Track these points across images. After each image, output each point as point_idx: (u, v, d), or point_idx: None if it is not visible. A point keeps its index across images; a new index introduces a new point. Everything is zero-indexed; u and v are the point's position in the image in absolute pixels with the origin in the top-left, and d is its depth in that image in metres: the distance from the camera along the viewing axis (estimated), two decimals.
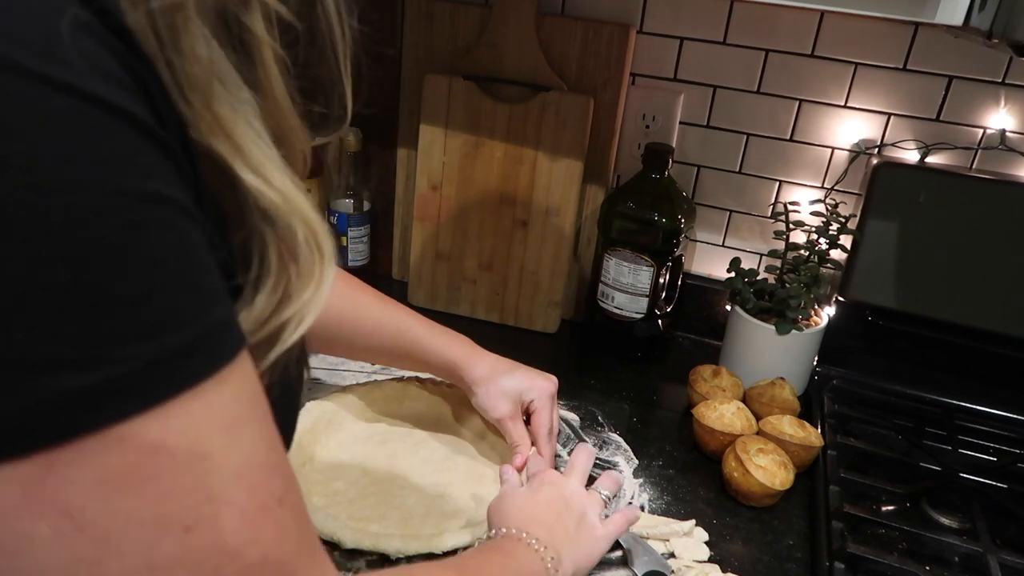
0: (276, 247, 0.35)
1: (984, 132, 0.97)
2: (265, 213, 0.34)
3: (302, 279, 0.36)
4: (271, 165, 0.34)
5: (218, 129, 0.32)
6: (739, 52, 1.02)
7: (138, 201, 0.27)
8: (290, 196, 0.34)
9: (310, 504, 0.72)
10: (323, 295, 0.36)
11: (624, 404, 0.99)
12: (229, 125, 0.32)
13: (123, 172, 0.27)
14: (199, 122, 0.31)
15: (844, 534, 0.76)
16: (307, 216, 0.35)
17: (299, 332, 0.36)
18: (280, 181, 0.34)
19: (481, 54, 1.07)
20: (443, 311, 1.17)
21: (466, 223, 1.13)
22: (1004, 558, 0.75)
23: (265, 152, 0.33)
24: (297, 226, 0.35)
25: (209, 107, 0.31)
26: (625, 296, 1.05)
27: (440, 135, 1.09)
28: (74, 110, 0.26)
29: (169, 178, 0.29)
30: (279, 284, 0.35)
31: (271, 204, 0.34)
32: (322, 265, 0.36)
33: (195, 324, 0.29)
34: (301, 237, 0.35)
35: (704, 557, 0.75)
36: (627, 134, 1.11)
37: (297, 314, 0.35)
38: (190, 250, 0.29)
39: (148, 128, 0.28)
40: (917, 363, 1.04)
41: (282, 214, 0.34)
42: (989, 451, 0.95)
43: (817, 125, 1.03)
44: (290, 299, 0.35)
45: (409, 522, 0.74)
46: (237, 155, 0.32)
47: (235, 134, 0.32)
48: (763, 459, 0.81)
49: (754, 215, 1.11)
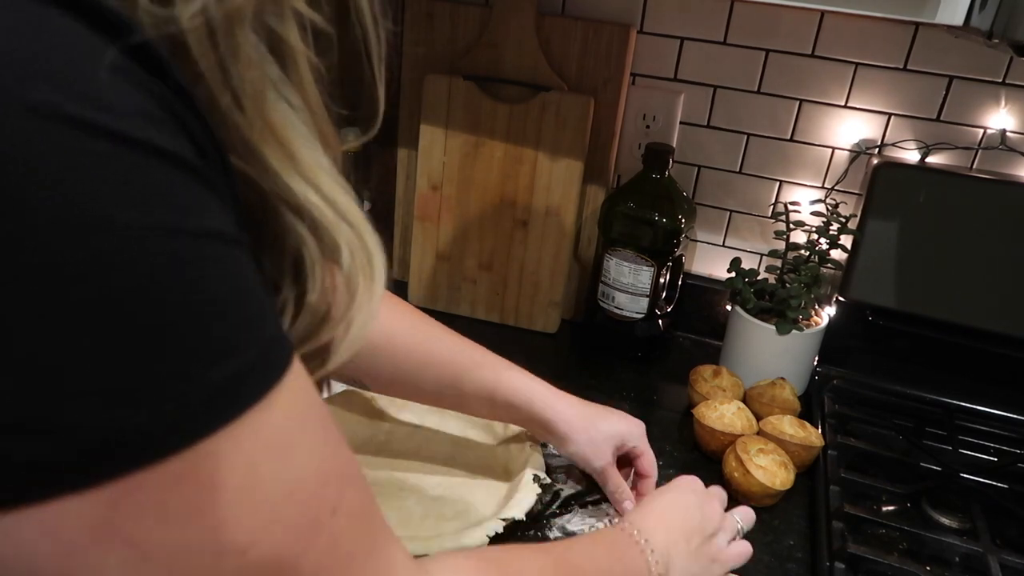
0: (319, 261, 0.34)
1: (984, 132, 0.97)
2: (312, 223, 0.33)
3: (349, 295, 0.34)
4: (322, 172, 0.33)
5: (270, 135, 0.31)
6: (739, 52, 1.02)
7: (189, 238, 0.27)
8: (340, 203, 0.34)
9: None
10: (372, 314, 0.35)
11: (624, 404, 0.99)
12: (281, 130, 0.32)
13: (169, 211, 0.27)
14: (251, 131, 0.31)
15: (844, 534, 0.76)
16: (358, 225, 0.34)
17: (347, 354, 0.35)
18: (330, 188, 0.33)
19: (481, 54, 1.07)
20: (443, 311, 1.17)
21: (466, 223, 1.13)
22: (1004, 558, 0.75)
23: (316, 158, 0.33)
24: (345, 237, 0.34)
25: (262, 113, 0.31)
26: (625, 296, 1.05)
27: (440, 135, 1.09)
28: (118, 155, 0.26)
29: (214, 210, 0.29)
30: (321, 302, 0.34)
31: (319, 212, 0.33)
32: (371, 280, 0.35)
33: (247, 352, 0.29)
34: (348, 249, 0.34)
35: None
36: (627, 134, 1.11)
37: (343, 334, 0.35)
38: (240, 279, 0.29)
39: (189, 164, 0.28)
40: (917, 363, 1.04)
41: (330, 223, 0.33)
42: (989, 451, 0.95)
43: (817, 125, 1.03)
44: (333, 318, 0.34)
45: (407, 524, 0.74)
46: (289, 161, 0.32)
47: (287, 139, 0.32)
48: (763, 459, 0.81)
49: (754, 215, 1.11)
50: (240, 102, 0.31)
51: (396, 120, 1.15)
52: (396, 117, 1.15)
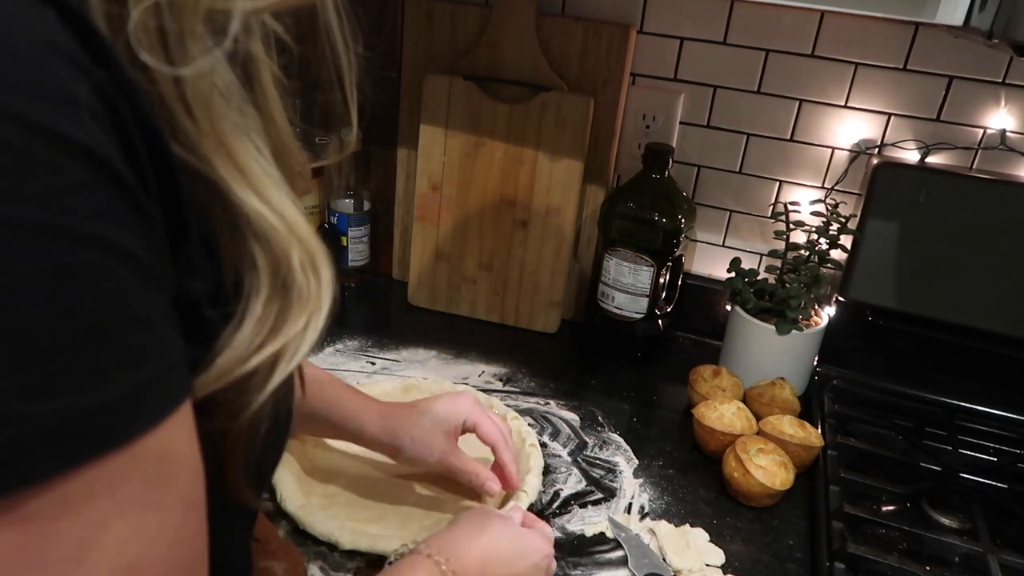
0: (269, 271, 0.33)
1: (984, 132, 0.97)
2: (260, 236, 0.32)
3: (296, 307, 0.33)
4: (271, 184, 0.32)
5: (220, 147, 0.30)
6: (739, 52, 1.02)
7: (73, 243, 0.25)
8: (288, 217, 0.33)
9: (310, 504, 0.72)
10: (319, 324, 0.34)
11: (624, 404, 0.99)
12: (231, 142, 0.31)
13: (60, 211, 0.24)
14: (203, 139, 0.30)
15: (844, 534, 0.76)
16: (305, 239, 0.33)
17: (294, 363, 0.34)
18: (279, 200, 0.32)
19: (481, 54, 1.07)
20: (443, 311, 1.17)
21: (466, 223, 1.13)
22: (1004, 558, 0.75)
23: (266, 170, 0.32)
24: (294, 249, 0.33)
25: (213, 124, 0.30)
26: (625, 296, 1.05)
27: (440, 135, 1.09)
28: (17, 142, 0.23)
29: (116, 220, 0.26)
30: (269, 311, 0.33)
31: (268, 225, 0.32)
32: (319, 292, 0.34)
33: (111, 387, 0.26)
34: (297, 261, 0.33)
35: (719, 562, 0.74)
36: (627, 134, 1.11)
37: (291, 344, 0.33)
38: (121, 301, 0.26)
39: (102, 163, 0.26)
40: (917, 363, 1.04)
41: (279, 237, 0.32)
42: (989, 451, 0.95)
43: (817, 125, 1.03)
44: (281, 328, 0.33)
45: (408, 523, 0.74)
46: (238, 174, 0.31)
47: (236, 151, 0.31)
48: (763, 459, 0.81)
49: (754, 215, 1.11)
50: (190, 110, 0.29)
51: (396, 120, 1.15)
52: (396, 117, 1.15)
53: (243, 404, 0.33)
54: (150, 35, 0.28)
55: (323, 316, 0.34)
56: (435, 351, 1.06)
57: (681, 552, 0.74)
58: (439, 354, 1.05)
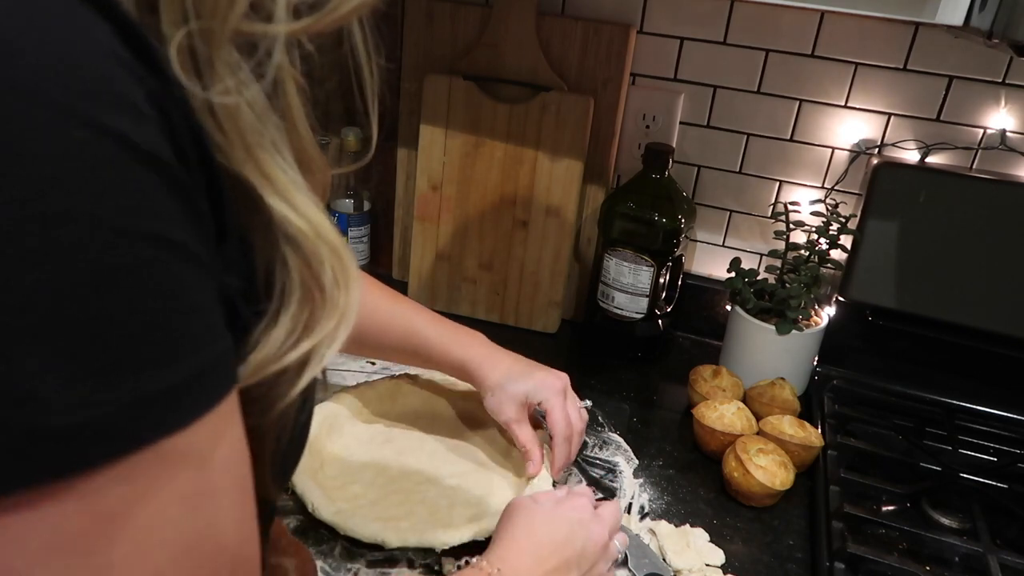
0: (300, 274, 0.34)
1: (984, 132, 0.97)
2: (291, 240, 0.33)
3: (326, 309, 0.35)
4: (297, 192, 0.33)
5: (248, 158, 0.31)
6: (739, 52, 1.02)
7: (138, 241, 0.26)
8: (316, 223, 0.34)
9: (337, 509, 0.72)
10: (347, 326, 0.35)
11: (624, 404, 0.99)
12: (258, 153, 0.32)
13: (129, 210, 0.26)
14: (232, 149, 0.31)
15: (844, 534, 0.76)
16: (334, 244, 0.34)
17: (324, 361, 0.35)
18: (306, 207, 0.33)
19: (481, 54, 1.07)
20: (443, 311, 1.16)
21: (466, 223, 1.13)
22: (1004, 558, 0.75)
23: (292, 178, 0.33)
24: (324, 254, 0.34)
25: (241, 138, 0.31)
26: (625, 296, 1.05)
27: (440, 135, 1.09)
28: (91, 144, 0.25)
29: (176, 219, 0.28)
30: (302, 312, 0.34)
31: (297, 231, 0.33)
32: (347, 295, 0.35)
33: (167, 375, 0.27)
34: (327, 265, 0.34)
35: (719, 562, 0.74)
36: (627, 134, 1.11)
37: (320, 345, 0.34)
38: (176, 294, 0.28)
39: (163, 165, 0.27)
40: (917, 363, 1.04)
41: (308, 241, 0.33)
42: (989, 451, 0.95)
43: (817, 125, 1.03)
44: (312, 329, 0.34)
45: (437, 515, 0.75)
46: (265, 182, 0.32)
47: (263, 161, 0.32)
48: (763, 459, 0.81)
49: (754, 215, 1.11)
50: (220, 125, 0.30)
51: (396, 120, 1.15)
52: (396, 117, 1.15)
53: (273, 399, 0.35)
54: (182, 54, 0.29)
55: (352, 316, 0.35)
56: None
57: (681, 552, 0.74)
58: None
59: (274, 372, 0.34)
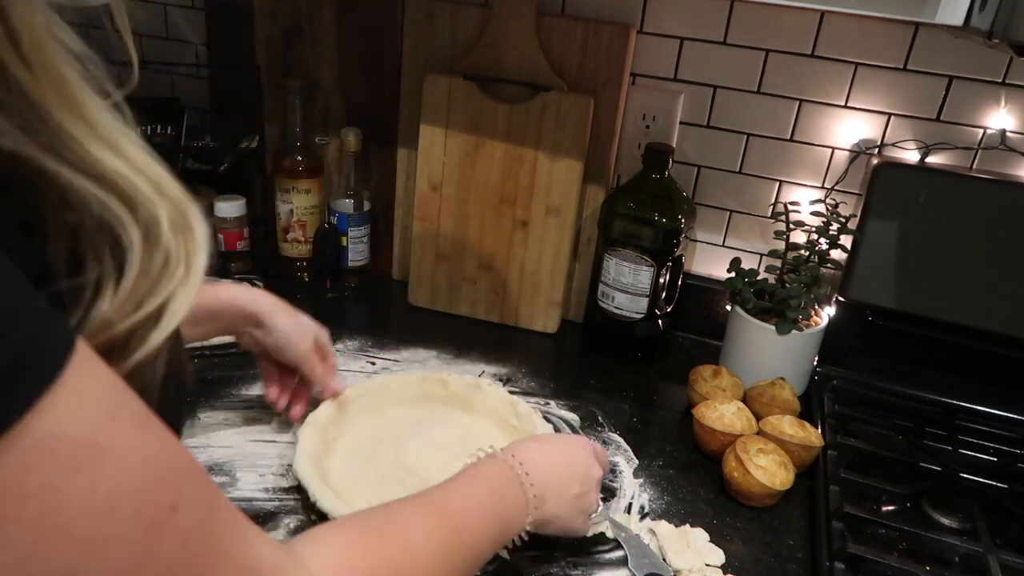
0: (139, 234, 0.31)
1: (984, 132, 0.97)
2: (124, 196, 0.30)
3: (170, 264, 0.32)
4: (124, 139, 0.30)
5: (62, 98, 0.28)
6: (739, 52, 1.02)
7: None
8: (151, 173, 0.31)
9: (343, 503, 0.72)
10: (196, 278, 0.33)
11: (624, 404, 0.99)
12: (75, 90, 0.28)
13: None
14: (39, 89, 0.27)
15: (844, 534, 0.76)
16: (174, 195, 0.32)
17: (175, 320, 0.32)
18: (138, 157, 0.31)
19: (481, 54, 1.07)
20: (443, 311, 1.17)
21: (466, 223, 1.13)
22: (1004, 558, 0.75)
23: (115, 123, 0.30)
24: (161, 206, 0.31)
25: (49, 69, 0.28)
26: (625, 296, 1.05)
27: (440, 135, 1.09)
28: None
29: None
30: (144, 273, 0.31)
31: (129, 184, 0.30)
32: (193, 245, 0.33)
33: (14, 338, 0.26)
34: (167, 218, 0.31)
35: (719, 562, 0.74)
36: (627, 134, 1.11)
37: (169, 301, 0.32)
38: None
39: None
40: (917, 363, 1.04)
41: (144, 196, 0.31)
42: (989, 451, 0.95)
43: (817, 125, 1.03)
44: (156, 288, 0.32)
45: None
46: (88, 128, 0.29)
47: (84, 103, 0.29)
48: (763, 459, 0.81)
49: (754, 215, 1.11)
50: (23, 53, 0.27)
51: (396, 120, 1.15)
52: (396, 117, 1.15)
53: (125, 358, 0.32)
54: None
55: (199, 268, 0.33)
56: (435, 351, 1.06)
57: (681, 552, 0.74)
58: (439, 354, 1.05)
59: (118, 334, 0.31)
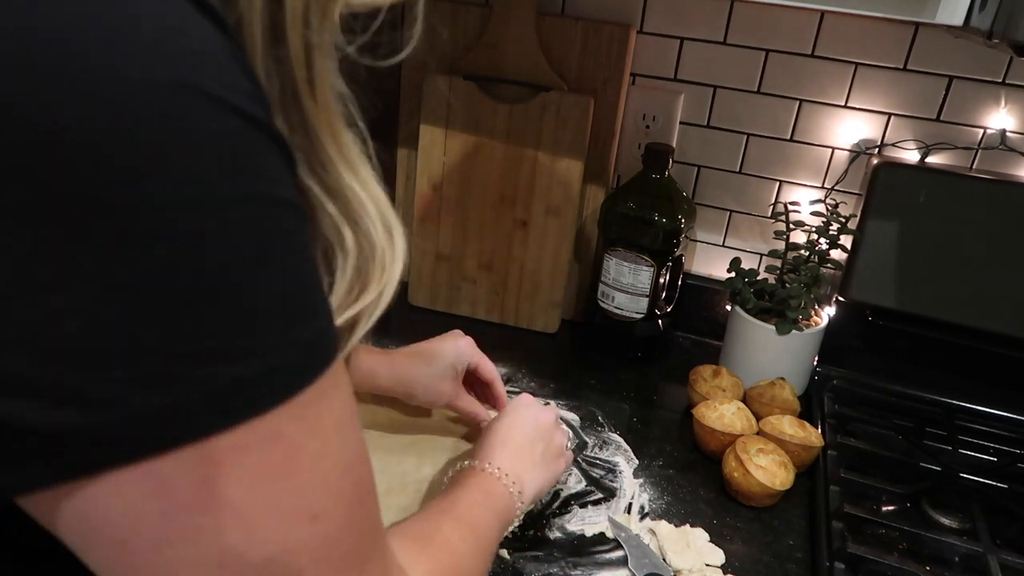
0: (356, 247, 0.36)
1: (984, 132, 0.97)
2: (352, 215, 0.36)
3: (375, 278, 0.37)
4: (362, 165, 0.36)
5: (329, 127, 0.34)
6: (739, 52, 1.02)
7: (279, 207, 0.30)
8: (376, 196, 0.36)
9: None
10: (391, 293, 0.38)
11: (624, 404, 0.99)
12: (336, 123, 0.34)
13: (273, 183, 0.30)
14: (316, 118, 0.33)
15: (844, 534, 0.76)
16: (388, 218, 0.37)
17: (368, 326, 0.38)
18: (369, 182, 0.36)
19: (481, 54, 1.07)
20: (443, 311, 1.17)
21: (466, 223, 1.13)
22: (1004, 558, 0.75)
23: (358, 152, 0.36)
24: (378, 227, 0.37)
25: (328, 103, 0.33)
26: (625, 296, 1.05)
27: (440, 135, 1.09)
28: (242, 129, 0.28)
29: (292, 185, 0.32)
30: (354, 282, 0.37)
31: (359, 205, 0.36)
32: (394, 265, 0.38)
33: (319, 319, 0.32)
34: (380, 238, 0.37)
35: (719, 562, 0.74)
36: (627, 134, 1.11)
37: (366, 310, 0.37)
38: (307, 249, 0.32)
39: (285, 143, 0.31)
40: (917, 363, 1.04)
41: (369, 217, 0.36)
42: (989, 451, 0.95)
43: (817, 125, 1.03)
44: (360, 296, 0.37)
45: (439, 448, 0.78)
46: (340, 155, 0.35)
47: (339, 131, 0.34)
48: (763, 459, 0.81)
49: (754, 215, 1.11)
50: (315, 92, 0.32)
51: (396, 120, 1.15)
52: (396, 117, 1.15)
53: None
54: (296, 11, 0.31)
55: (395, 285, 0.38)
56: None
57: (681, 552, 0.74)
58: None
59: None
